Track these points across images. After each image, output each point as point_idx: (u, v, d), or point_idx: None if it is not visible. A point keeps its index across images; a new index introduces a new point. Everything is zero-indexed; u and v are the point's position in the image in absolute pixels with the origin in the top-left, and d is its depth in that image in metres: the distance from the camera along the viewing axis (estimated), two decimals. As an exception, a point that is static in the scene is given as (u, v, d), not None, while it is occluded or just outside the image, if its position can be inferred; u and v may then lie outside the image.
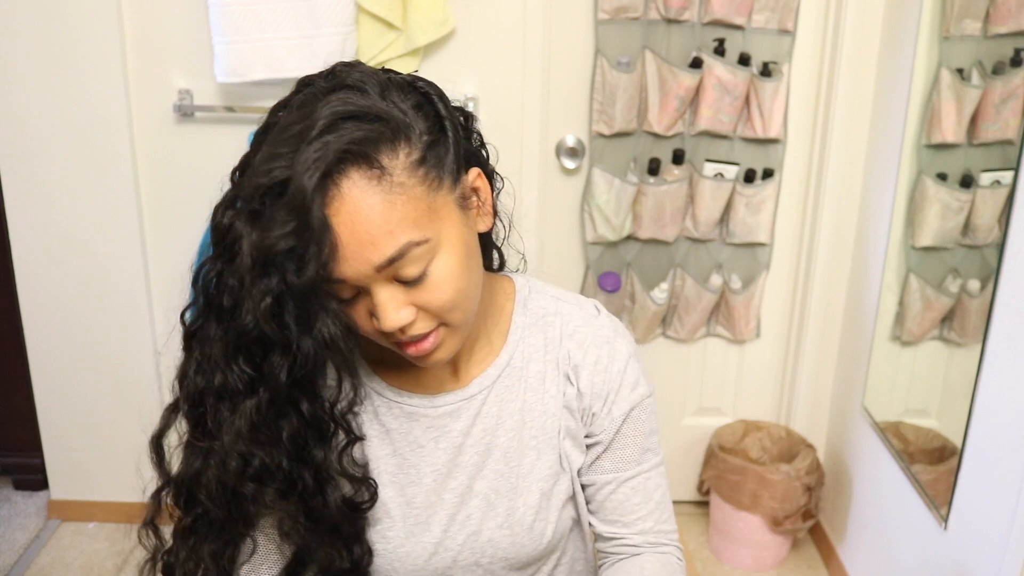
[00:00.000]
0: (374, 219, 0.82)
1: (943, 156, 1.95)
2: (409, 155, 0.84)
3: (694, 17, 2.18)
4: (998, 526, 1.59)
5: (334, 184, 0.81)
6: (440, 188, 0.87)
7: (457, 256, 0.88)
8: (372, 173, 0.82)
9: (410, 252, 0.84)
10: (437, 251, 0.87)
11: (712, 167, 2.29)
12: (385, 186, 0.82)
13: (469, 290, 0.91)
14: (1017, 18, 1.70)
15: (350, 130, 0.82)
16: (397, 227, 0.83)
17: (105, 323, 2.37)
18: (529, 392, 1.02)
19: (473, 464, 1.01)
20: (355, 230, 0.82)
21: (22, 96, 2.18)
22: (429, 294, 0.87)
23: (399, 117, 0.85)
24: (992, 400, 1.64)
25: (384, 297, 0.86)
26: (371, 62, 2.14)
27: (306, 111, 0.85)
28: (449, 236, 0.88)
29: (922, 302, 2.02)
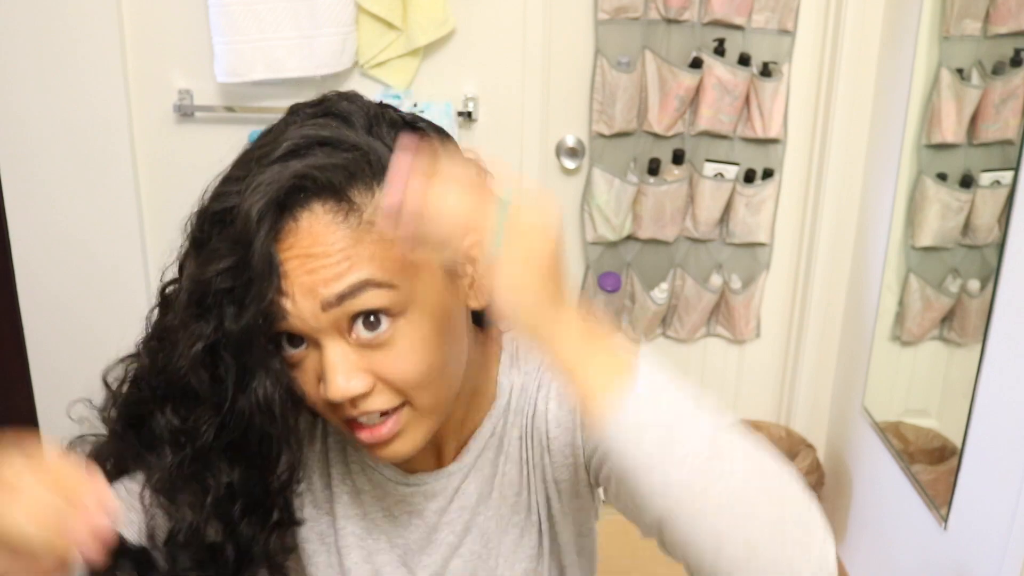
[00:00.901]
0: (331, 252, 0.70)
1: (943, 156, 1.95)
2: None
3: (694, 17, 2.18)
4: (998, 526, 1.59)
5: (291, 217, 0.70)
6: None
7: (432, 323, 0.74)
8: (339, 208, 0.70)
9: (366, 292, 0.71)
10: (406, 310, 0.73)
11: (712, 167, 2.29)
12: (352, 222, 0.70)
13: (446, 369, 0.77)
14: (1017, 18, 1.70)
15: (318, 157, 0.71)
16: (356, 262, 0.70)
17: (105, 323, 2.36)
18: (510, 464, 0.88)
19: (449, 543, 0.90)
20: (306, 263, 0.70)
21: (22, 96, 2.18)
22: (392, 362, 0.73)
23: (382, 152, 0.73)
24: (992, 400, 1.64)
25: (335, 356, 0.72)
26: (371, 62, 2.14)
27: (275, 134, 0.75)
28: (425, 297, 0.74)
29: (922, 302, 2.02)
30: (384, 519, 0.90)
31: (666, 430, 0.64)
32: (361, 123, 0.74)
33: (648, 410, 0.64)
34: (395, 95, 2.14)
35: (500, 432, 0.88)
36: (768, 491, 0.66)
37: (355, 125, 0.74)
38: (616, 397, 0.64)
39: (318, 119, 0.75)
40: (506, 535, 0.90)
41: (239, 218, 0.70)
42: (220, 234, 0.71)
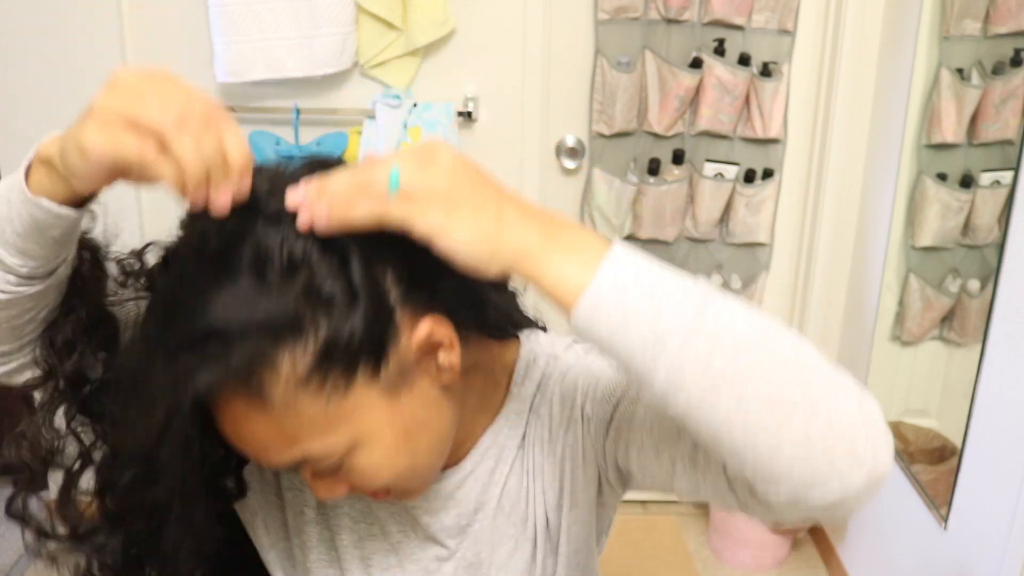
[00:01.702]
0: (258, 437, 0.69)
1: (943, 156, 1.95)
2: (295, 368, 0.66)
3: (694, 17, 2.18)
4: (998, 526, 1.59)
5: (209, 401, 0.68)
6: (348, 387, 0.68)
7: (387, 447, 0.72)
8: (250, 394, 0.67)
9: (307, 462, 0.71)
10: (355, 447, 0.71)
11: (712, 167, 2.29)
12: (267, 410, 0.67)
13: (416, 465, 0.76)
14: (1017, 18, 1.71)
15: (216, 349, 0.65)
16: (286, 443, 0.69)
17: (105, 323, 2.37)
18: (512, 474, 0.86)
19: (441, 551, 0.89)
20: (242, 441, 0.70)
21: (22, 96, 2.18)
22: (361, 481, 0.74)
23: (286, 314, 0.65)
24: (992, 400, 1.64)
25: (309, 478, 0.75)
26: (371, 62, 2.14)
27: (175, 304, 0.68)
28: (371, 431, 0.71)
29: (922, 302, 2.02)
30: (379, 507, 0.89)
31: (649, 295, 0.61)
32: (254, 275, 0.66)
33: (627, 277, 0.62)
34: (395, 95, 2.14)
35: (502, 442, 0.86)
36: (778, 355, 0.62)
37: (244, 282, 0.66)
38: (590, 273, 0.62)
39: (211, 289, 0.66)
40: (500, 546, 0.88)
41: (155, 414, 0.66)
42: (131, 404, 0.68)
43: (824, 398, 0.61)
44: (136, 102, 0.65)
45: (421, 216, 0.63)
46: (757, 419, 0.60)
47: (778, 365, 0.61)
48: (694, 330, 0.60)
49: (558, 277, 0.63)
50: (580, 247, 0.63)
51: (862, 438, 0.61)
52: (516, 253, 0.64)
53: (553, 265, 0.63)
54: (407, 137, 2.12)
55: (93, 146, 0.64)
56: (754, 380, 0.60)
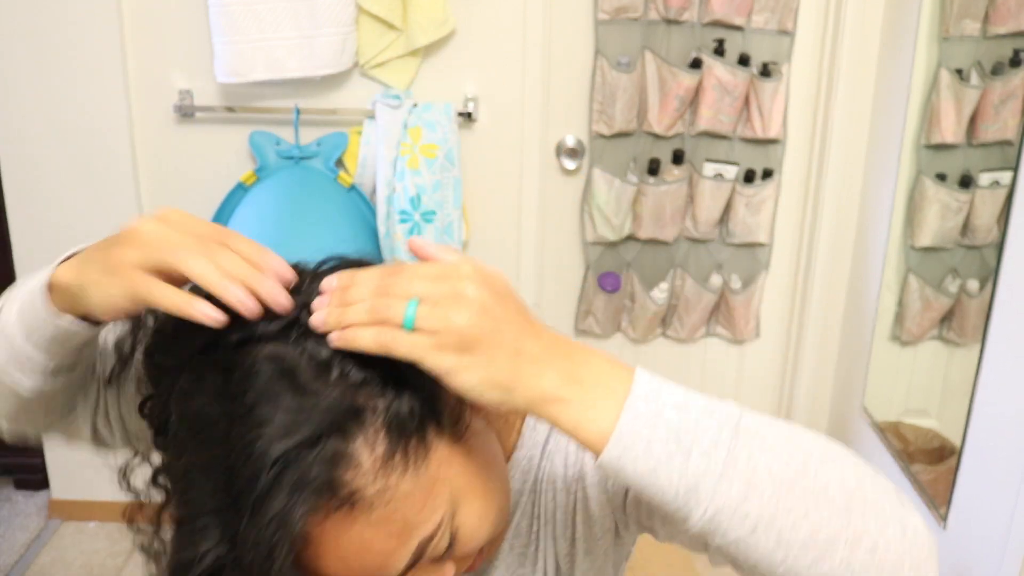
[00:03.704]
0: (370, 549, 0.65)
1: (942, 156, 1.95)
2: (373, 451, 0.64)
3: (694, 17, 2.19)
4: (998, 526, 1.59)
5: (303, 535, 0.63)
6: (428, 452, 0.67)
7: (478, 495, 0.71)
8: (343, 503, 0.63)
9: (428, 546, 0.68)
10: (456, 512, 0.69)
11: (712, 167, 2.29)
12: (364, 510, 0.64)
13: (503, 504, 0.75)
14: (1016, 18, 1.71)
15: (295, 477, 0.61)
16: (400, 538, 0.66)
17: (105, 323, 2.37)
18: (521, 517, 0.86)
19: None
20: (351, 567, 0.66)
21: (23, 96, 2.18)
22: (463, 549, 0.71)
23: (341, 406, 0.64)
24: (992, 400, 1.64)
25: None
26: (371, 62, 2.14)
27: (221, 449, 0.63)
28: (461, 485, 0.69)
29: (922, 302, 2.02)
30: None
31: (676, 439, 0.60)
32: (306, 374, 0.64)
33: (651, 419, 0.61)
34: (395, 95, 2.15)
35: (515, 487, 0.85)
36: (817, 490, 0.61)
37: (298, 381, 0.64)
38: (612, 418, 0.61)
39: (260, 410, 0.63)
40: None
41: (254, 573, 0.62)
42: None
43: (867, 531, 0.60)
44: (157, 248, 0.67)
45: (432, 356, 0.61)
46: (797, 555, 0.60)
47: (818, 502, 0.60)
48: (726, 476, 0.59)
49: (579, 423, 0.61)
50: (601, 387, 0.62)
51: (907, 566, 0.61)
52: (532, 398, 0.62)
53: (573, 411, 0.62)
54: (407, 137, 2.12)
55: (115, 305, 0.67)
56: (793, 520, 0.59)
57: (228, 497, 0.62)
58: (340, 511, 0.63)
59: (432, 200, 2.14)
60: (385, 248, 2.17)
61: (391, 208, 2.13)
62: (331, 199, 2.16)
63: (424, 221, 2.15)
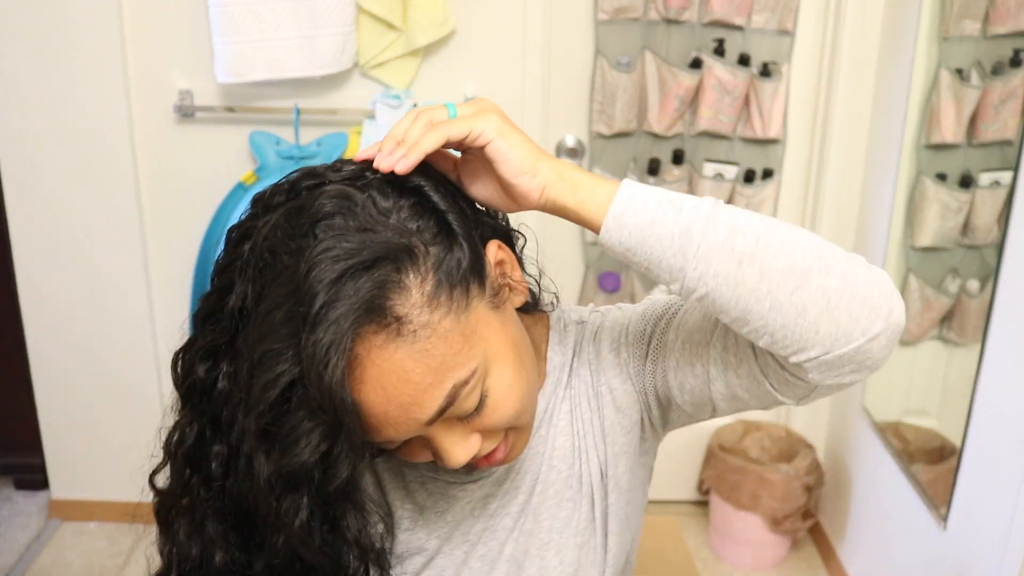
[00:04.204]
0: (407, 377, 0.70)
1: (942, 156, 1.95)
2: (422, 286, 0.70)
3: (694, 17, 2.19)
4: (998, 526, 1.59)
5: (353, 357, 0.69)
6: (468, 303, 0.74)
7: (509, 364, 0.77)
8: (388, 327, 0.69)
9: (459, 395, 0.73)
10: (488, 372, 0.75)
11: (712, 167, 2.29)
12: (408, 338, 0.69)
13: (530, 387, 0.80)
14: (1016, 18, 1.71)
15: (351, 294, 0.68)
16: (436, 376, 0.71)
17: (105, 323, 2.37)
18: (561, 437, 0.91)
19: (505, 528, 0.91)
20: (389, 397, 0.70)
21: (23, 96, 2.18)
22: (491, 417, 0.76)
23: (397, 242, 0.70)
24: (992, 400, 1.64)
25: (446, 441, 0.76)
26: (371, 62, 2.14)
27: (289, 276, 0.70)
28: (495, 347, 0.76)
29: (922, 302, 2.02)
30: (447, 529, 0.92)
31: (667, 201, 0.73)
32: (361, 214, 0.71)
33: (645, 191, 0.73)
34: (395, 95, 2.15)
35: (552, 408, 0.91)
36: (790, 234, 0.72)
37: (357, 219, 0.71)
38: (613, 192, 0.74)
39: (321, 242, 0.69)
40: (560, 510, 0.91)
41: (314, 390, 0.67)
42: (288, 414, 0.69)
43: (836, 263, 0.71)
44: None
45: (480, 121, 0.75)
46: (780, 285, 0.70)
47: (791, 240, 0.72)
48: (713, 221, 0.71)
49: (588, 195, 0.74)
50: (602, 180, 0.75)
51: (876, 293, 0.71)
52: (553, 173, 0.75)
53: (582, 187, 0.75)
54: (407, 137, 2.12)
55: None
56: (772, 253, 0.71)
57: (295, 322, 0.68)
58: (387, 333, 0.69)
59: (432, 200, 2.13)
60: (385, 248, 2.17)
61: (391, 208, 2.13)
62: (331, 199, 2.16)
63: (424, 221, 2.14)
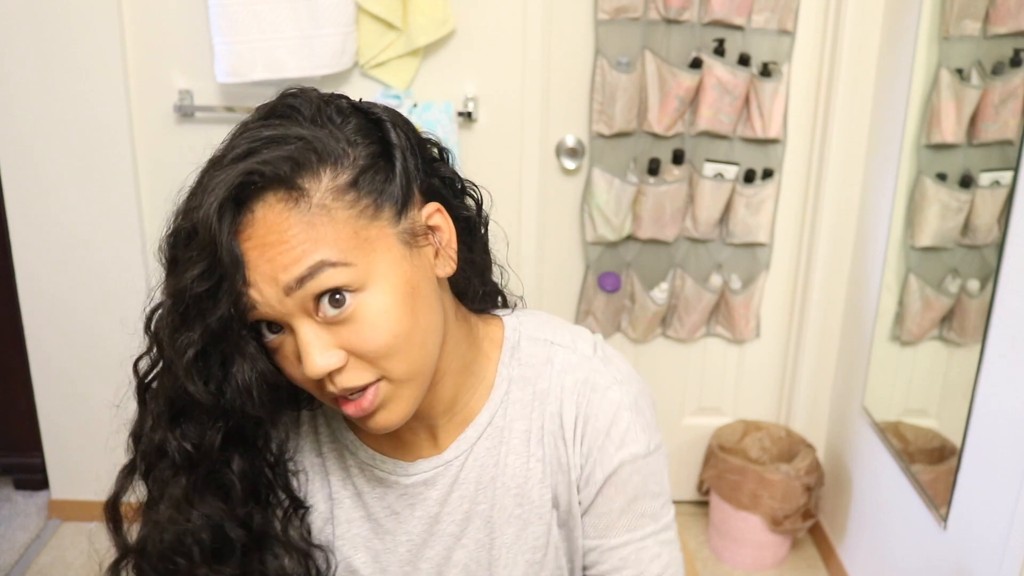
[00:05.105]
0: (286, 239, 0.74)
1: (943, 156, 1.95)
2: (335, 179, 0.76)
3: (694, 17, 2.19)
4: (998, 526, 1.59)
5: (248, 210, 0.74)
6: (375, 218, 0.77)
7: (394, 295, 0.77)
8: (289, 195, 0.74)
9: (323, 272, 0.74)
10: (365, 285, 0.76)
11: (712, 167, 2.29)
12: (303, 207, 0.74)
13: (414, 337, 0.79)
14: (1017, 18, 1.71)
15: (264, 153, 0.75)
16: (311, 246, 0.74)
17: (105, 323, 2.37)
18: (512, 455, 0.90)
19: (451, 534, 0.92)
20: (265, 252, 0.74)
21: (23, 96, 2.18)
22: (359, 335, 0.77)
23: (327, 140, 0.77)
24: (992, 400, 1.64)
25: (308, 336, 0.76)
26: (371, 62, 2.14)
27: (228, 141, 0.79)
28: (383, 271, 0.77)
29: (922, 302, 2.02)
30: (387, 517, 0.92)
31: None
32: (307, 114, 0.79)
33: None
34: (395, 95, 2.14)
35: (500, 423, 0.90)
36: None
37: (300, 118, 0.78)
38: None
39: (266, 120, 0.79)
40: (509, 526, 0.91)
41: (200, 223, 0.74)
42: (187, 245, 0.75)
43: None
44: None
45: None
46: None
47: None
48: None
49: None
50: None
51: None
52: None
53: None
54: (407, 137, 2.12)
55: None
56: None
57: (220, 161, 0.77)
58: (286, 201, 0.74)
59: (432, 200, 2.14)
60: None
61: (391, 208, 2.13)
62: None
63: (424, 221, 2.15)
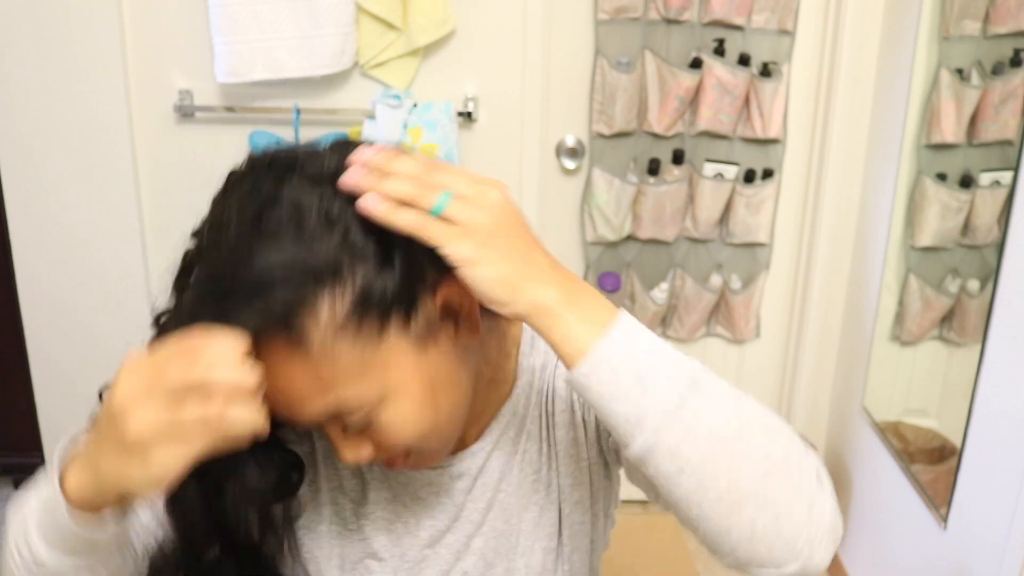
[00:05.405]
0: (295, 386, 0.72)
1: (943, 156, 1.95)
2: (334, 307, 0.70)
3: (694, 17, 2.18)
4: (998, 526, 1.59)
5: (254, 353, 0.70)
6: (383, 338, 0.73)
7: (414, 400, 0.76)
8: (289, 338, 0.70)
9: (342, 411, 0.74)
10: (385, 401, 0.75)
11: (712, 167, 2.29)
12: (303, 353, 0.71)
13: (439, 426, 0.79)
14: (1017, 18, 1.71)
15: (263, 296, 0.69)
16: (321, 391, 0.72)
17: (105, 323, 2.37)
18: (531, 442, 0.92)
19: (472, 521, 0.93)
20: (277, 392, 0.72)
21: (22, 96, 2.18)
22: (387, 438, 0.77)
23: (327, 258, 0.70)
24: (992, 400, 1.64)
25: (337, 440, 0.78)
26: (371, 62, 2.14)
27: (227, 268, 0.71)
28: (401, 383, 0.75)
29: (922, 302, 2.02)
30: (412, 501, 0.93)
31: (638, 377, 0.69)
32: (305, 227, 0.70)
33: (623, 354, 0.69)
34: (395, 95, 2.14)
35: (522, 412, 0.91)
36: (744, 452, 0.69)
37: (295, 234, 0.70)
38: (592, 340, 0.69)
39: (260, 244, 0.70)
40: (526, 512, 0.92)
41: None
42: None
43: (777, 499, 0.69)
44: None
45: (454, 244, 0.69)
46: (711, 503, 0.69)
47: (741, 462, 0.69)
48: (671, 418, 0.68)
49: (565, 337, 0.70)
50: (591, 313, 0.71)
51: (803, 538, 0.70)
52: (533, 304, 0.70)
53: (562, 324, 0.70)
54: (407, 137, 2.12)
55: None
56: (715, 471, 0.69)
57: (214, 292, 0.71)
58: (284, 341, 0.70)
59: (432, 200, 2.13)
60: (385, 248, 2.17)
61: (391, 208, 2.13)
62: (331, 199, 2.16)
63: (424, 221, 2.14)
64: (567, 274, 0.72)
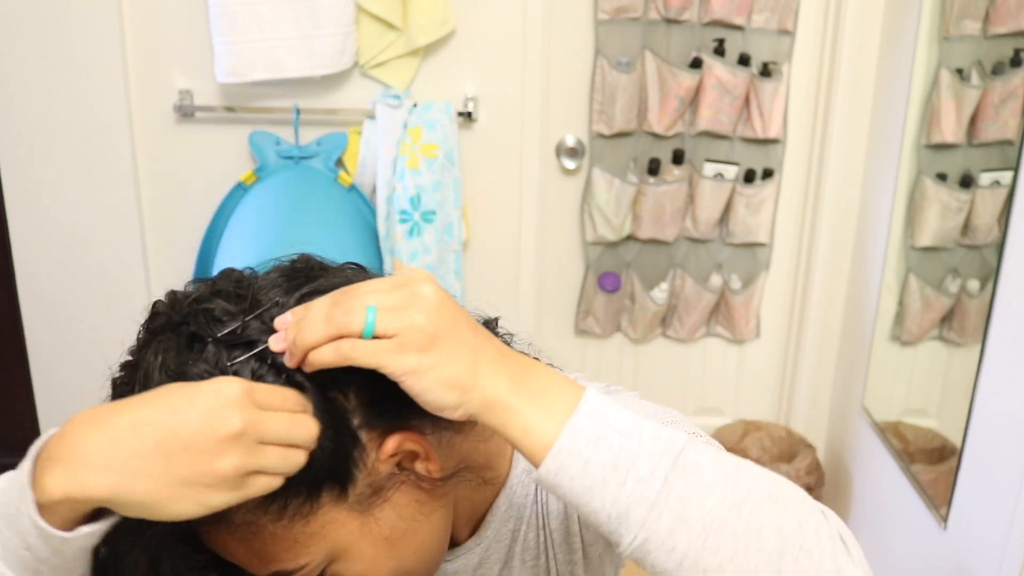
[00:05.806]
0: (236, 557, 0.69)
1: (943, 156, 1.95)
2: None
3: (694, 17, 2.19)
4: (998, 526, 1.59)
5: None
6: (314, 512, 0.67)
7: (367, 556, 0.70)
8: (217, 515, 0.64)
9: (291, 572, 0.69)
10: (335, 560, 0.70)
11: (712, 167, 2.29)
12: (228, 528, 0.67)
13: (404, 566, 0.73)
14: (1017, 18, 1.71)
15: None
16: (258, 562, 0.68)
17: (105, 323, 2.37)
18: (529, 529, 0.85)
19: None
20: (227, 557, 0.70)
21: (23, 96, 2.18)
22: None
23: None
24: (992, 400, 1.64)
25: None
26: (371, 62, 2.14)
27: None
28: (346, 545, 0.69)
29: (922, 302, 2.02)
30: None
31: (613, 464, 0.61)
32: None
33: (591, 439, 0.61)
34: (395, 95, 2.14)
35: (519, 502, 0.84)
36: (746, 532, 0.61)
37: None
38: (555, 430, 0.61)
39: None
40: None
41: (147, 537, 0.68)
42: None
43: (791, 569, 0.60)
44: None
45: (394, 360, 0.61)
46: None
47: (748, 546, 0.60)
48: (657, 506, 0.60)
49: (524, 431, 0.62)
50: (550, 399, 0.63)
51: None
52: (484, 402, 0.62)
53: (518, 417, 0.62)
54: (407, 137, 2.12)
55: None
56: (719, 560, 0.60)
57: None
58: (215, 520, 0.64)
59: (432, 200, 2.14)
60: (385, 248, 2.17)
61: (391, 208, 2.13)
62: (331, 199, 2.16)
63: (424, 221, 2.15)
64: (518, 358, 0.65)
